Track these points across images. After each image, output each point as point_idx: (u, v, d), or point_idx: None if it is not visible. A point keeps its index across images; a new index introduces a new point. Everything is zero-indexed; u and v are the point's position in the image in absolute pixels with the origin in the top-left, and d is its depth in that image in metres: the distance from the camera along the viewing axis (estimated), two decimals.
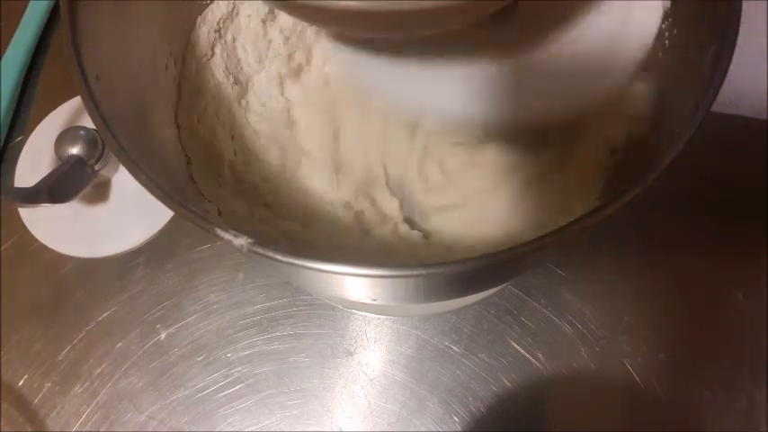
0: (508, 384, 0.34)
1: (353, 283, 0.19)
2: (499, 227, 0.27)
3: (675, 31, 0.24)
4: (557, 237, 0.18)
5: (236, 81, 0.30)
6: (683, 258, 0.35)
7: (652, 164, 0.18)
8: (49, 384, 0.34)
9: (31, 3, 0.44)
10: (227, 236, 0.18)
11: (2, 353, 0.35)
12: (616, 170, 0.27)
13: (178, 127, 0.29)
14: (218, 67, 0.30)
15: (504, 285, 0.35)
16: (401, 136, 0.30)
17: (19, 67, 0.42)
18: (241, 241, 0.18)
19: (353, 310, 0.35)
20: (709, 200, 0.37)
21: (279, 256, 0.17)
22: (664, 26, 0.24)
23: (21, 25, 0.43)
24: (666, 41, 0.24)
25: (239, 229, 0.18)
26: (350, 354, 0.35)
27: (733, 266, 0.35)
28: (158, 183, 0.19)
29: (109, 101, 0.22)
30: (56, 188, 0.33)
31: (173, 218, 0.38)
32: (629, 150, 0.27)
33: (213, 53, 0.31)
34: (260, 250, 0.18)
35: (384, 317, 0.35)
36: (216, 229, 0.18)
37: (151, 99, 0.28)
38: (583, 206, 0.28)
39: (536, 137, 0.29)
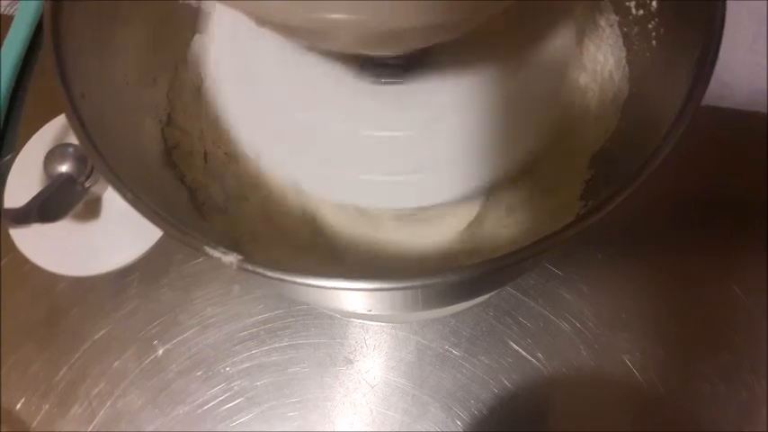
0: (509, 385, 0.34)
1: (348, 297, 0.19)
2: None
3: (663, 30, 0.24)
4: (553, 241, 0.18)
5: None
6: (680, 253, 0.35)
7: (643, 164, 0.18)
8: (47, 407, 0.34)
9: (15, 19, 0.43)
10: (215, 254, 0.18)
11: None
12: (603, 173, 0.27)
13: (168, 142, 0.29)
14: (214, 79, 0.30)
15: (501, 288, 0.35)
16: None
17: (6, 84, 0.41)
18: (230, 258, 0.18)
19: (352, 319, 0.35)
20: (706, 195, 0.36)
21: (269, 273, 0.17)
22: (650, 26, 0.24)
23: (6, 42, 0.42)
24: (654, 41, 0.24)
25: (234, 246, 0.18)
26: (350, 362, 0.35)
27: (731, 261, 0.35)
28: (145, 200, 0.19)
29: (95, 118, 0.22)
30: (46, 207, 0.33)
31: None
32: (618, 148, 0.27)
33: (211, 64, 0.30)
34: (249, 267, 0.18)
35: (383, 324, 0.35)
36: (205, 247, 0.18)
37: (140, 114, 0.27)
38: (568, 203, 0.28)
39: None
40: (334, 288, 0.16)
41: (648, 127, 0.23)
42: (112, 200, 0.38)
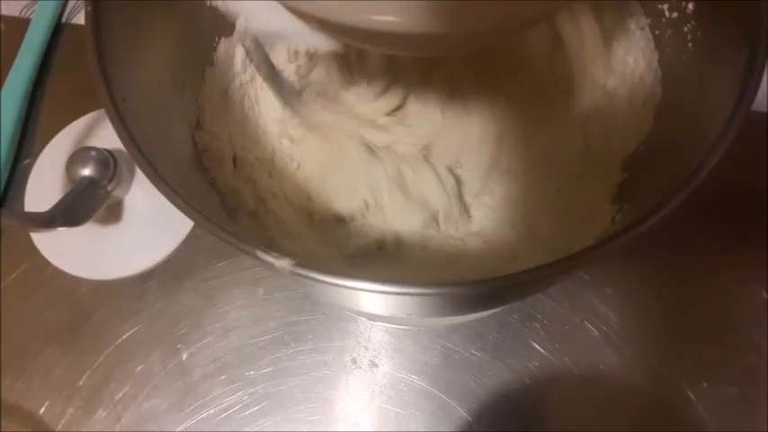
0: (535, 388, 0.34)
1: (396, 301, 0.19)
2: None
3: (700, 33, 0.23)
4: (593, 253, 0.18)
5: (257, 100, 0.30)
6: (704, 258, 0.35)
7: (686, 179, 0.18)
8: (72, 410, 0.34)
9: (32, 22, 0.43)
10: (268, 258, 0.18)
11: (22, 380, 0.34)
12: (637, 177, 0.27)
13: (198, 146, 0.29)
14: (240, 82, 0.30)
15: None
16: None
17: (25, 87, 0.41)
18: (283, 263, 0.18)
19: (377, 322, 0.35)
20: (729, 198, 0.36)
21: (323, 278, 0.17)
22: (686, 29, 0.24)
23: (24, 44, 0.42)
24: (690, 44, 0.24)
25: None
26: (375, 365, 0.35)
27: (756, 264, 0.35)
28: (195, 206, 0.18)
29: (134, 122, 0.22)
30: (71, 211, 0.33)
31: (188, 236, 0.37)
32: (653, 152, 0.27)
33: (236, 67, 0.30)
34: (303, 272, 0.17)
35: (407, 327, 0.35)
36: (257, 251, 0.18)
37: (171, 118, 0.27)
38: (598, 205, 0.28)
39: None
40: (391, 293, 0.16)
41: (687, 131, 0.23)
42: (133, 204, 0.38)
